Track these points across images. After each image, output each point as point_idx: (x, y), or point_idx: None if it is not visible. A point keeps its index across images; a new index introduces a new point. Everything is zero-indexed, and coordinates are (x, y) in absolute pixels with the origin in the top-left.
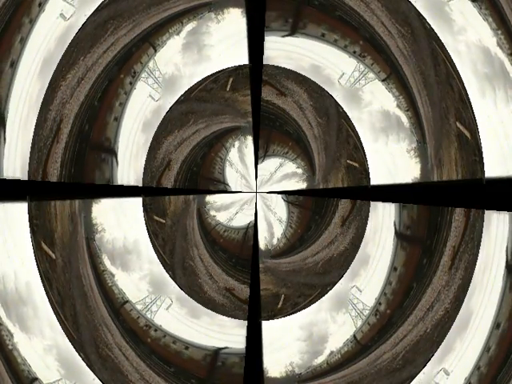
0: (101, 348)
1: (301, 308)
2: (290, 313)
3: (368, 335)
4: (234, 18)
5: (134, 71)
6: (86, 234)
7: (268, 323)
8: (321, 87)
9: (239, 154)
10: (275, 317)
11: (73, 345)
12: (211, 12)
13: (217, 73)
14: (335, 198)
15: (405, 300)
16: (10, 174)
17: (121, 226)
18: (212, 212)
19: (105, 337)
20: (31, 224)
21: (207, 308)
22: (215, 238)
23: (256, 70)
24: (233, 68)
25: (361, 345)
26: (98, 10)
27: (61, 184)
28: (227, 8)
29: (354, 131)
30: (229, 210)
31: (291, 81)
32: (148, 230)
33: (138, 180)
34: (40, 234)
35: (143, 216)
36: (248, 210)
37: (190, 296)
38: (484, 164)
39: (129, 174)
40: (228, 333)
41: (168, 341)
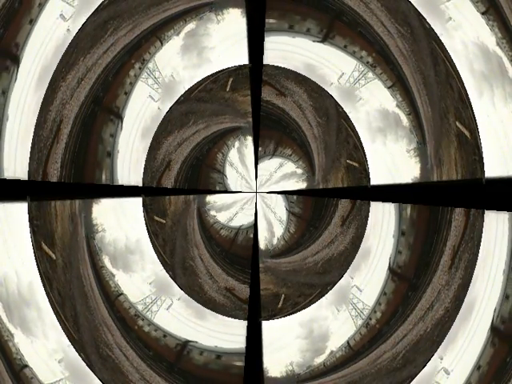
0: (101, 348)
1: (301, 308)
2: (291, 312)
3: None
4: (234, 19)
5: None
6: (87, 235)
7: (268, 323)
8: (320, 87)
9: (239, 155)
10: (275, 316)
11: (73, 345)
12: (212, 12)
13: (217, 73)
14: (335, 198)
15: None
16: (11, 174)
17: (121, 227)
18: (212, 212)
19: (105, 337)
20: (31, 224)
21: (207, 308)
22: (212, 235)
23: (256, 70)
24: (233, 68)
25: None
26: (98, 11)
27: (61, 184)
28: (227, 8)
29: (354, 131)
30: (229, 210)
31: (291, 81)
32: (148, 231)
33: (138, 181)
34: (40, 235)
35: (143, 216)
36: (248, 210)
37: (191, 296)
38: (484, 164)
39: (129, 175)
40: (229, 332)
41: (151, 329)
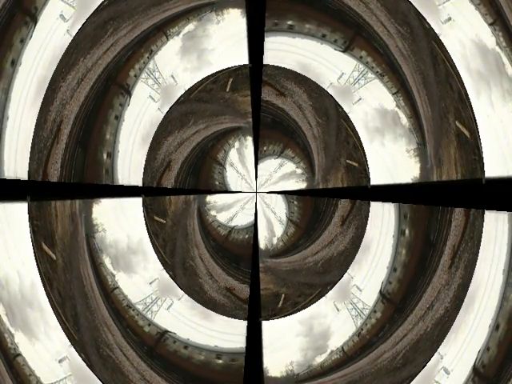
0: (102, 348)
1: (301, 308)
2: (291, 312)
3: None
4: (234, 19)
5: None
6: (87, 235)
7: (268, 323)
8: (320, 87)
9: (239, 156)
10: (275, 316)
11: (74, 345)
12: (213, 12)
13: (216, 73)
14: (335, 198)
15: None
16: (11, 174)
17: (121, 227)
18: (213, 212)
19: (105, 337)
20: (32, 224)
21: (207, 308)
22: (209, 231)
23: (256, 71)
24: (232, 68)
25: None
26: (98, 11)
27: (61, 184)
28: (227, 8)
29: (354, 131)
30: (229, 210)
31: (291, 81)
32: (148, 231)
33: (138, 181)
34: (40, 235)
35: (143, 216)
36: (248, 210)
37: (191, 296)
38: (484, 164)
39: (129, 175)
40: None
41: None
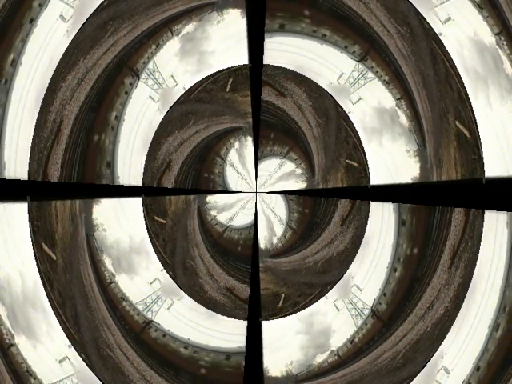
0: (102, 348)
1: (301, 307)
2: (291, 312)
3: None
4: (234, 19)
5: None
6: (87, 235)
7: (268, 323)
8: (320, 87)
9: (239, 158)
10: (275, 316)
11: (74, 346)
12: (214, 11)
13: (216, 73)
14: (335, 198)
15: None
16: (11, 174)
17: (121, 227)
18: (213, 212)
19: (106, 337)
20: (32, 225)
21: (208, 308)
22: (208, 228)
23: (256, 71)
24: (232, 69)
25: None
26: (98, 12)
27: (61, 184)
28: (227, 9)
29: (354, 131)
30: (229, 210)
31: (290, 81)
32: (148, 231)
33: (138, 181)
34: (41, 235)
35: (143, 216)
36: (248, 210)
37: (191, 296)
38: (484, 163)
39: (129, 175)
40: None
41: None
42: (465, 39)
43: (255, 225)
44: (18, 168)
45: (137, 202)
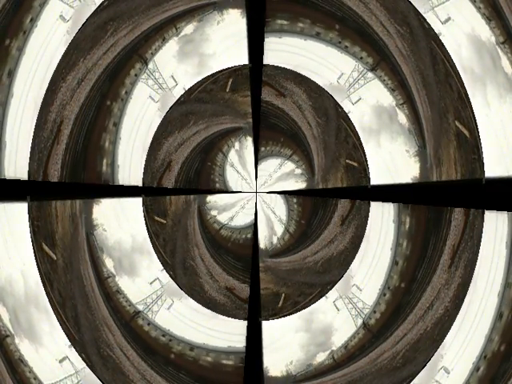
0: (102, 348)
1: (301, 307)
2: (291, 312)
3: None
4: (234, 19)
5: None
6: (87, 235)
7: (268, 323)
8: (320, 87)
9: (238, 159)
10: (275, 316)
11: (74, 346)
12: (215, 11)
13: (216, 73)
14: (335, 198)
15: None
16: (11, 174)
17: (122, 227)
18: (213, 212)
19: (106, 337)
20: (32, 225)
21: (208, 308)
22: (206, 226)
23: (256, 71)
24: (232, 69)
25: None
26: (98, 12)
27: (61, 184)
28: (227, 9)
29: (354, 131)
30: (229, 210)
31: (290, 81)
32: (149, 231)
33: (138, 181)
34: (41, 235)
35: (144, 216)
36: (248, 210)
37: (191, 296)
38: (483, 163)
39: (129, 176)
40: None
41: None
42: (464, 39)
43: (255, 224)
44: (18, 168)
45: (137, 202)
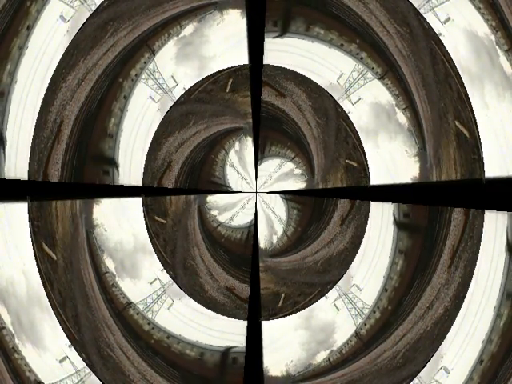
0: (102, 348)
1: (301, 307)
2: (291, 312)
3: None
4: (234, 19)
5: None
6: (87, 235)
7: (268, 323)
8: (320, 87)
9: (238, 159)
10: (275, 316)
11: (74, 346)
12: (216, 10)
13: (216, 73)
14: (334, 198)
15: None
16: (11, 174)
17: (122, 227)
18: (213, 212)
19: (106, 337)
20: (32, 225)
21: (208, 308)
22: (206, 225)
23: (256, 71)
24: (232, 69)
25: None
26: (98, 12)
27: (61, 184)
28: (227, 9)
29: (353, 131)
30: (230, 210)
31: (290, 81)
32: (149, 231)
33: (138, 181)
34: (41, 235)
35: (144, 216)
36: (248, 210)
37: (191, 296)
38: (483, 163)
39: (130, 176)
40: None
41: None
42: (463, 39)
43: (255, 224)
44: (18, 168)
45: (137, 202)
